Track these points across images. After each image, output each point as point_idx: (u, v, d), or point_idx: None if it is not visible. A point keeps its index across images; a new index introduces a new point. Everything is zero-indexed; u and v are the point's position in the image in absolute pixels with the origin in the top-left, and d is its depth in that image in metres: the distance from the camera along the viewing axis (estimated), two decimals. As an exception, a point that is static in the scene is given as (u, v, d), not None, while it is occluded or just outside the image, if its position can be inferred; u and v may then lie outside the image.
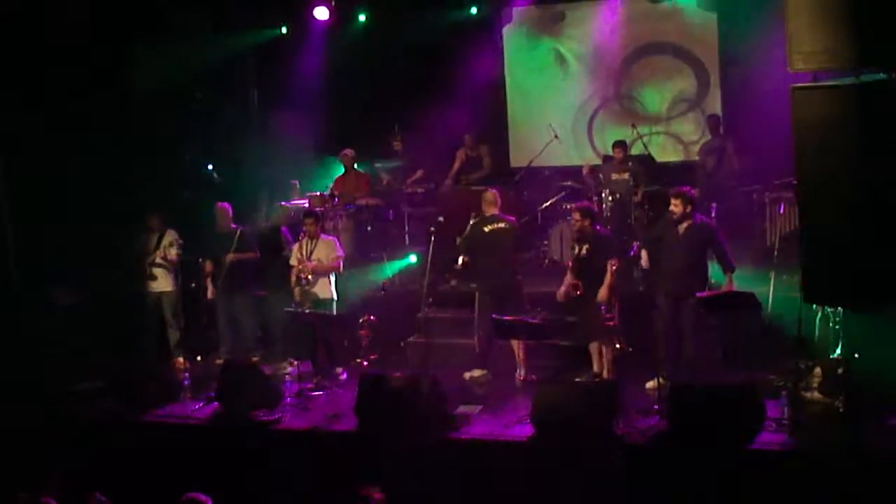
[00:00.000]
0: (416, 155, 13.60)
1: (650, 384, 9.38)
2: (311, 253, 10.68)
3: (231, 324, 11.29)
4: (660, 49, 13.69)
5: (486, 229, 10.36)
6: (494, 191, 10.67)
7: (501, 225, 10.39)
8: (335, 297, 10.73)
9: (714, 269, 9.61)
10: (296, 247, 10.90)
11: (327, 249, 10.74)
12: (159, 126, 12.40)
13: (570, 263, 9.86)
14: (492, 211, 10.47)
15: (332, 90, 13.98)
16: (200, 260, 11.27)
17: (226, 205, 11.28)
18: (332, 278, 10.72)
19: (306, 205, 12.64)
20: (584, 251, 9.78)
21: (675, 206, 9.49)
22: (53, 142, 11.36)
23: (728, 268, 9.44)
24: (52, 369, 10.57)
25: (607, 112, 14.13)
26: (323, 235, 10.90)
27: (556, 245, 12.24)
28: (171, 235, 11.46)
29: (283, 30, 14.07)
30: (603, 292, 9.59)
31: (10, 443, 9.39)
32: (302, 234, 10.91)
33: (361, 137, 13.60)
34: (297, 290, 10.66)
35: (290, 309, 10.48)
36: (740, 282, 9.56)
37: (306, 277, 10.55)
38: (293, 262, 10.77)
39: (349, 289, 11.26)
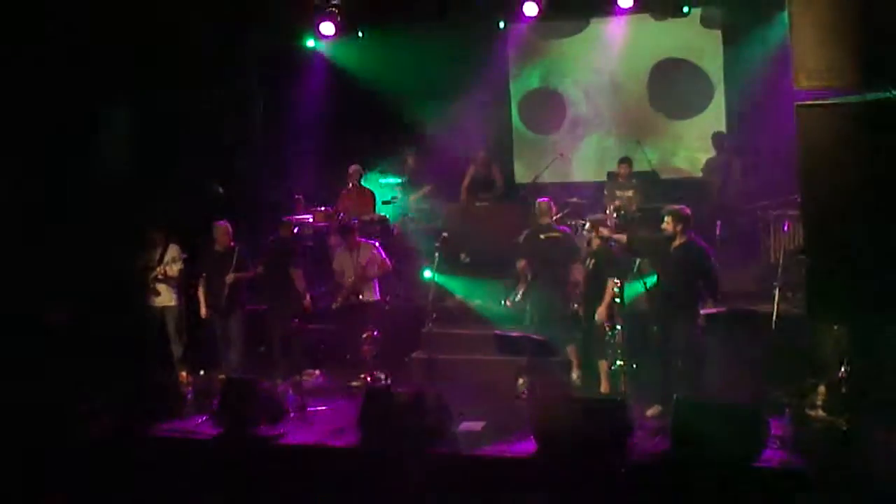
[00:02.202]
0: (423, 171, 13.67)
1: (651, 411, 9.35)
2: (358, 260, 11.05)
3: (225, 342, 11.30)
4: (665, 66, 13.76)
5: (542, 237, 10.51)
6: (547, 200, 10.80)
7: (556, 234, 10.50)
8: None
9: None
10: (341, 260, 11.22)
11: (373, 253, 11.11)
12: (162, 138, 12.47)
13: (580, 279, 9.94)
14: (545, 220, 10.59)
15: (337, 108, 14.02)
16: (203, 275, 11.27)
17: (224, 223, 11.27)
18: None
19: (310, 220, 12.74)
20: (590, 265, 9.82)
21: (667, 224, 9.48)
22: (51, 152, 11.36)
23: (711, 294, 9.41)
24: (52, 389, 10.51)
25: (612, 129, 14.17)
26: (363, 240, 11.24)
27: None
28: (173, 250, 11.47)
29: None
30: (601, 311, 9.59)
31: (11, 465, 9.37)
32: (341, 248, 11.29)
33: (367, 153, 13.66)
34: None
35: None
36: (745, 298, 9.54)
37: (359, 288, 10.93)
38: (348, 274, 11.04)
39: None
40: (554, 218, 10.93)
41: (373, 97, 13.91)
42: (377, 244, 11.28)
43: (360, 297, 11.04)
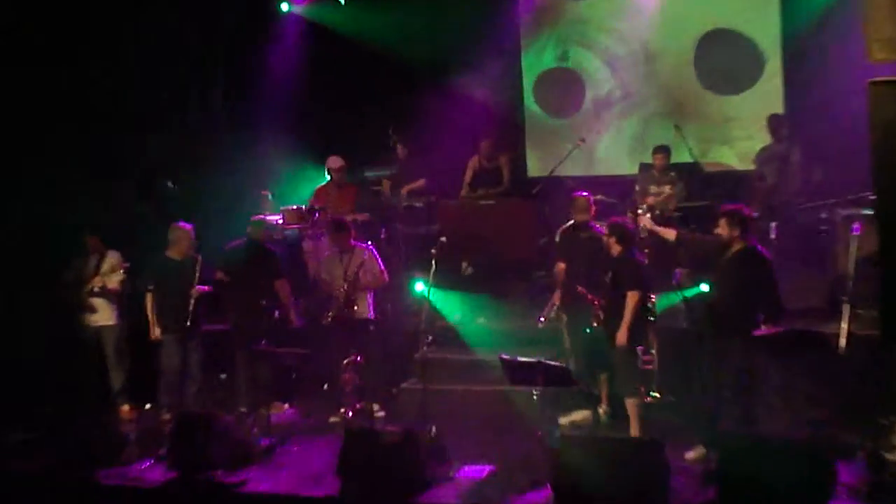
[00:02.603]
0: (415, 162, 13.67)
1: (692, 454, 9.30)
2: (349, 267, 10.99)
3: (178, 369, 11.23)
4: (712, 37, 13.74)
5: (583, 235, 10.57)
6: (587, 195, 10.84)
7: (593, 234, 10.54)
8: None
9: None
10: (329, 266, 11.22)
11: (367, 259, 11.08)
12: (103, 126, 12.42)
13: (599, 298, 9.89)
14: (583, 217, 10.66)
15: (313, 86, 14.03)
16: (150, 289, 11.21)
17: (187, 226, 11.21)
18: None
19: (280, 221, 12.68)
20: (608, 278, 9.82)
21: (722, 228, 9.41)
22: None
23: (771, 312, 9.35)
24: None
25: (645, 111, 14.15)
26: (357, 244, 11.24)
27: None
28: (112, 259, 11.42)
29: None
30: (621, 335, 9.58)
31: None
32: (333, 250, 11.28)
33: (348, 141, 13.63)
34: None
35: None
36: (808, 316, 9.51)
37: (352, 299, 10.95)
38: (339, 282, 11.04)
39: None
40: (590, 218, 10.92)
41: (356, 73, 13.90)
42: (373, 249, 11.27)
43: (354, 309, 11.01)
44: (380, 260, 11.24)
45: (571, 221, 10.76)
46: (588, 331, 10.10)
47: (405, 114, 13.65)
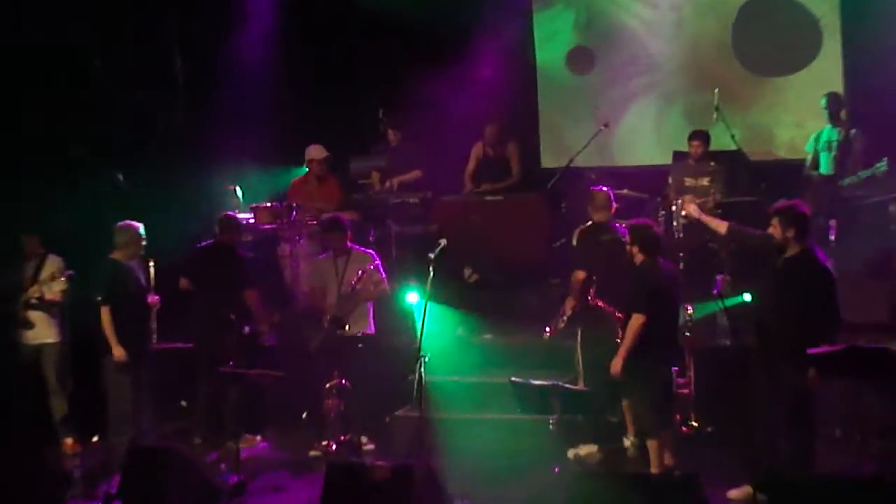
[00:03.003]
0: (409, 150, 13.67)
1: (735, 493, 9.26)
2: (346, 274, 11.04)
3: (131, 395, 11.05)
4: (757, 5, 13.78)
5: (603, 238, 10.57)
6: (606, 189, 10.84)
7: (615, 236, 10.53)
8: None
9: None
10: (321, 271, 11.27)
11: (368, 266, 11.09)
12: (39, 111, 12.41)
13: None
14: (603, 216, 10.66)
15: (288, 60, 14.04)
16: (99, 300, 11.18)
17: (136, 225, 11.21)
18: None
19: (251, 220, 12.66)
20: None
21: (774, 228, 9.38)
22: None
23: (830, 328, 9.32)
24: None
25: (675, 87, 14.18)
26: (356, 248, 11.28)
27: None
28: (53, 264, 11.40)
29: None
30: (614, 363, 9.58)
31: None
32: (327, 254, 11.33)
33: (330, 126, 13.63)
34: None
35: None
36: (874, 331, 9.50)
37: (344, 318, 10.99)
38: (331, 293, 11.07)
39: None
40: (610, 217, 10.89)
41: (338, 45, 13.88)
42: (375, 257, 11.27)
43: (345, 329, 11.01)
44: (381, 267, 11.24)
45: (590, 222, 10.76)
46: (607, 349, 10.04)
47: (397, 93, 13.65)
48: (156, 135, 13.90)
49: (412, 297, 10.61)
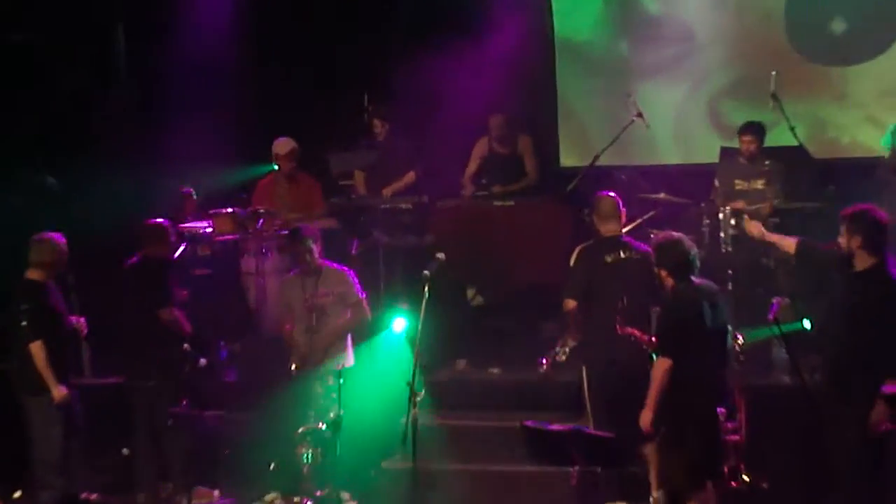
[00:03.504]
0: (401, 146, 13.68)
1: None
2: (316, 295, 11.05)
3: (66, 439, 11.06)
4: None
5: (607, 259, 10.45)
6: (613, 196, 10.74)
7: (630, 254, 10.44)
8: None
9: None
10: (287, 292, 11.25)
11: (342, 287, 11.08)
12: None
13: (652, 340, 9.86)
14: (613, 228, 10.58)
15: (254, 37, 14.13)
16: (25, 324, 11.18)
17: (57, 237, 11.11)
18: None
19: (208, 229, 12.71)
20: (655, 313, 9.88)
21: (842, 239, 9.39)
22: None
23: None
24: None
25: (728, 76, 14.21)
26: (328, 264, 11.26)
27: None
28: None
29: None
30: (644, 416, 9.50)
31: None
32: (294, 273, 11.28)
33: (305, 116, 13.73)
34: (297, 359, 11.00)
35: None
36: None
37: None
38: (299, 321, 11.07)
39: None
40: (625, 227, 10.88)
41: (314, 16, 13.93)
42: (351, 273, 11.31)
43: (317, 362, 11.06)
44: (360, 287, 11.27)
45: (592, 241, 10.67)
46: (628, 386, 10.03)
47: (385, 75, 13.77)
48: (92, 130, 13.94)
49: (399, 323, 10.65)
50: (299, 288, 11.19)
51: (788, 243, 9.97)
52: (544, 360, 10.38)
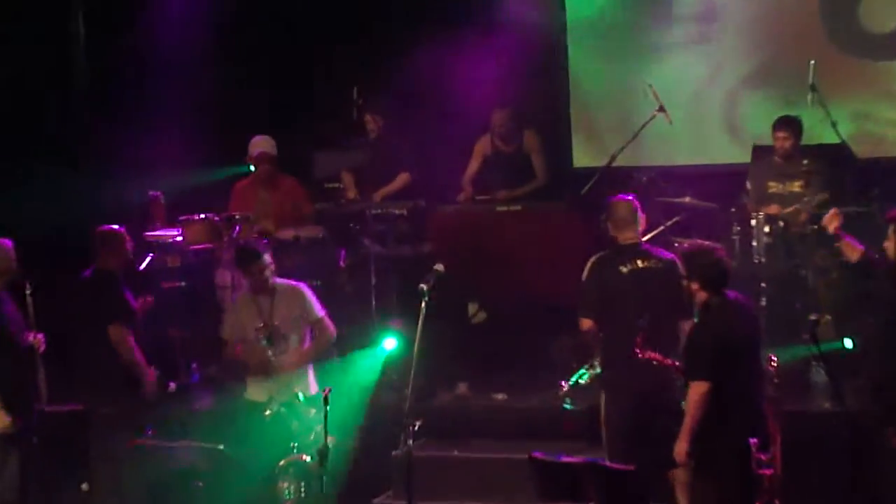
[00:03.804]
0: (395, 144, 13.74)
1: None
2: (273, 317, 11.01)
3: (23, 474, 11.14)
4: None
5: (623, 270, 10.43)
6: (630, 199, 10.68)
7: (651, 263, 10.41)
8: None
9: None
10: (240, 314, 11.18)
11: (300, 305, 11.06)
12: None
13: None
14: (630, 236, 10.56)
15: (232, 27, 14.20)
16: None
17: (4, 242, 11.15)
18: None
19: (179, 238, 12.74)
20: (685, 331, 9.84)
21: (889, 243, 9.46)
22: None
23: None
24: None
25: (763, 65, 14.22)
26: (282, 281, 11.21)
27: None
28: None
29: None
30: (679, 448, 9.50)
31: None
32: (245, 288, 11.24)
33: (286, 111, 13.86)
34: (258, 388, 11.01)
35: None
36: None
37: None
38: (251, 346, 11.02)
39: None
40: (646, 235, 10.90)
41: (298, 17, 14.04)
42: (307, 288, 11.36)
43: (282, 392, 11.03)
44: (320, 304, 11.24)
45: (607, 250, 10.65)
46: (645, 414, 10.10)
47: (378, 66, 13.81)
48: (46, 127, 14.02)
49: (390, 343, 10.67)
50: (254, 309, 11.13)
51: (854, 250, 9.99)
52: (564, 384, 10.51)
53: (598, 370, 10.36)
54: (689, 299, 9.74)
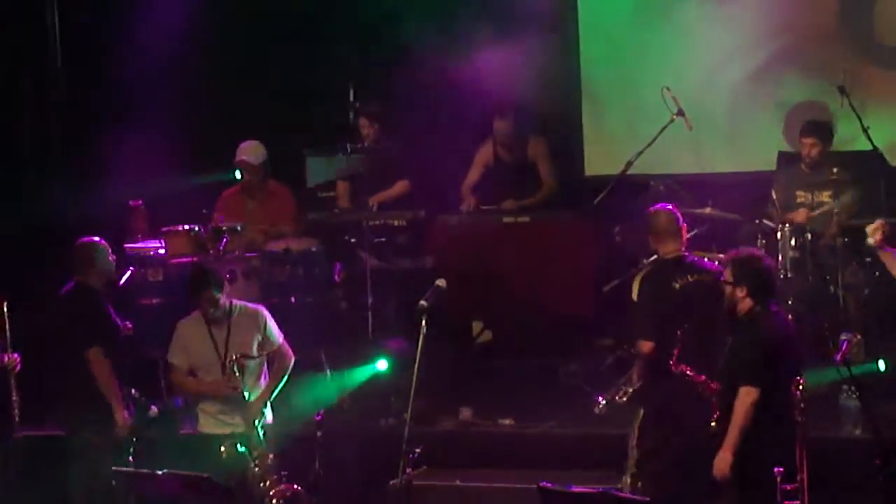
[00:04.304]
0: (392, 151, 13.60)
1: None
2: (228, 345, 10.83)
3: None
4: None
5: (675, 286, 10.38)
6: (670, 209, 10.66)
7: (701, 277, 10.38)
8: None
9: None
10: (187, 342, 10.98)
11: (258, 331, 10.88)
12: None
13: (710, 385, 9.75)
14: (674, 248, 10.50)
15: (219, 26, 14.17)
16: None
17: None
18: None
19: (161, 250, 12.68)
20: (728, 348, 9.71)
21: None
22: None
23: None
24: None
25: (790, 61, 14.15)
26: (240, 303, 11.06)
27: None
28: None
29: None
30: (721, 460, 9.40)
31: None
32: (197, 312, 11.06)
33: (276, 115, 13.82)
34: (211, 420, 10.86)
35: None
36: None
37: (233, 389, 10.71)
38: (213, 371, 10.86)
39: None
40: (685, 249, 10.74)
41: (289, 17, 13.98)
42: (265, 311, 11.19)
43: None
44: (277, 327, 11.11)
45: (654, 257, 10.65)
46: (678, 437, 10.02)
47: (375, 66, 13.79)
48: (21, 130, 13.97)
49: (382, 364, 10.51)
50: (207, 338, 10.93)
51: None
52: (601, 399, 10.45)
53: (633, 388, 10.42)
54: (730, 308, 9.70)
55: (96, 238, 11.50)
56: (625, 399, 10.41)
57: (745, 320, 9.59)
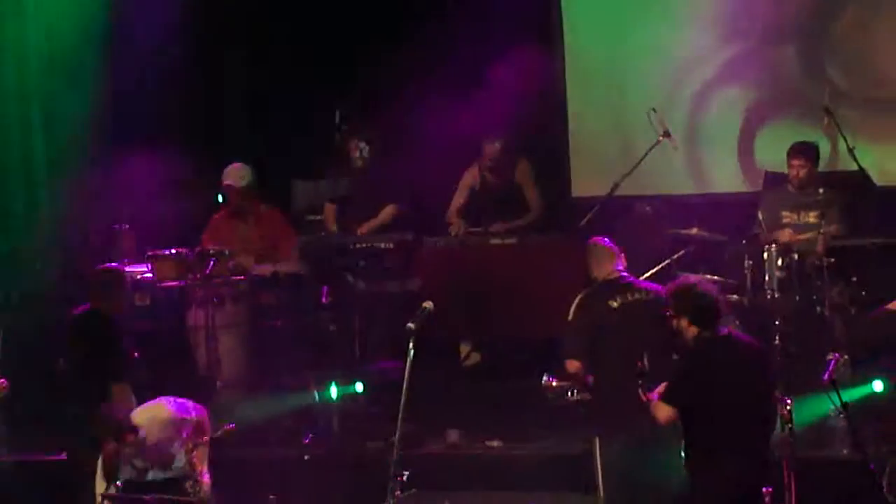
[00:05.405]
0: (381, 172, 13.70)
1: None
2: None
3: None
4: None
5: (613, 304, 10.48)
6: (605, 241, 10.81)
7: (640, 296, 10.49)
8: None
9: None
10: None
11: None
12: None
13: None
14: (610, 269, 10.62)
15: (204, 44, 14.23)
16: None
17: None
18: None
19: (148, 275, 12.70)
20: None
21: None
22: None
23: None
24: None
25: (773, 87, 14.22)
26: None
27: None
28: None
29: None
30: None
31: None
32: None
33: (263, 137, 13.91)
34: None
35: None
36: None
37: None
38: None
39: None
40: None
41: (275, 13, 14.03)
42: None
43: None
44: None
45: (591, 287, 10.74)
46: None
47: (363, 87, 13.87)
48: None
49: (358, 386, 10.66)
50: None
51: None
52: (553, 381, 10.55)
53: (583, 398, 10.45)
54: (680, 339, 9.70)
55: (114, 265, 11.77)
56: (574, 399, 10.47)
57: (693, 347, 9.57)
